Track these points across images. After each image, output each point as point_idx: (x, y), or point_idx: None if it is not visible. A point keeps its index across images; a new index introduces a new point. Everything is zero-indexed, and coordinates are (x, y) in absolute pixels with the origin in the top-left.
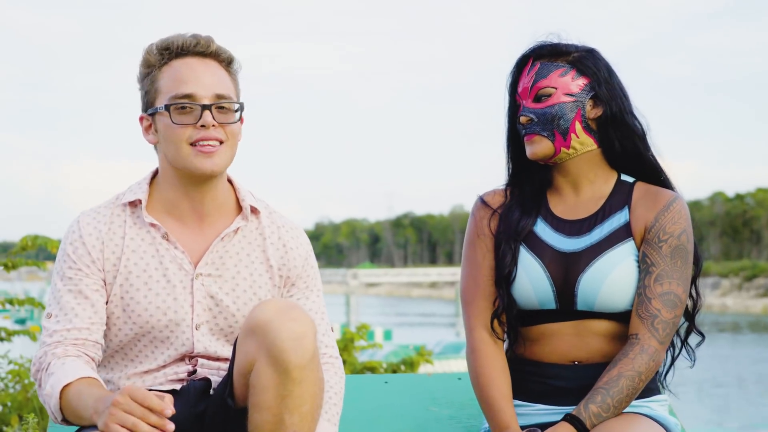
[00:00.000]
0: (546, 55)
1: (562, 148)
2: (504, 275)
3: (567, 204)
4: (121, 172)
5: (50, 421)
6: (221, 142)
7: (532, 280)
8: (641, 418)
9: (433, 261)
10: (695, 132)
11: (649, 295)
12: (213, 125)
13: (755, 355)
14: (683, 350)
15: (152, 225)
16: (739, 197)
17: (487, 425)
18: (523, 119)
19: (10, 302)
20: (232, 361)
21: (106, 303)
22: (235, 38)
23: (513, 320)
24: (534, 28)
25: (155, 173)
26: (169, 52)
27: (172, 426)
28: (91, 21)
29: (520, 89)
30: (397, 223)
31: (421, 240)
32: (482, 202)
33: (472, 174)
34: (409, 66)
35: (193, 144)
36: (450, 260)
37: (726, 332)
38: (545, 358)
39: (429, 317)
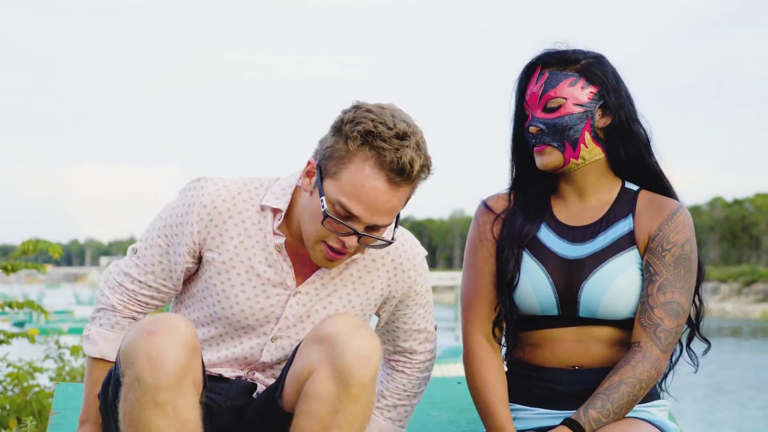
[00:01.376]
0: (554, 64)
1: (571, 159)
2: (507, 281)
3: (571, 210)
4: (123, 177)
5: (49, 424)
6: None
7: (534, 286)
8: (641, 422)
9: (432, 265)
10: (696, 138)
11: (652, 304)
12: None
13: (757, 360)
14: (687, 355)
15: (275, 234)
16: (738, 202)
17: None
18: (533, 129)
19: (9, 305)
20: (288, 364)
21: (196, 276)
22: (243, 47)
23: (513, 325)
24: (540, 36)
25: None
26: (380, 160)
27: None
28: (94, 28)
29: (528, 97)
30: None
31: (421, 244)
32: (485, 206)
33: (473, 179)
34: (413, 73)
35: (324, 241)
36: (450, 264)
37: (726, 337)
38: (546, 363)
39: None
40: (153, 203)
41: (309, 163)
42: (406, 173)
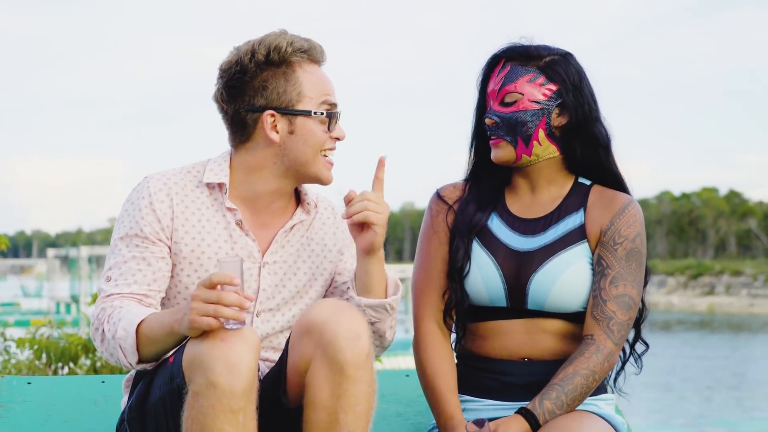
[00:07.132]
0: (517, 58)
1: (523, 155)
2: (457, 269)
3: (523, 203)
4: (71, 169)
5: None
6: None
7: (484, 277)
8: (590, 415)
9: None
10: (646, 132)
11: (604, 297)
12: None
13: (700, 353)
14: (631, 357)
15: (230, 209)
16: (686, 196)
17: (434, 422)
18: (488, 121)
19: None
20: (283, 359)
21: (173, 275)
22: (195, 40)
23: (463, 315)
24: (494, 34)
25: (231, 156)
26: (308, 55)
27: (250, 300)
28: (42, 19)
29: (489, 89)
30: None
31: None
32: (438, 196)
33: (423, 172)
34: (364, 67)
35: (323, 154)
36: (399, 257)
37: (674, 331)
38: (496, 354)
39: None
40: (101, 196)
41: (266, 115)
42: (324, 53)
